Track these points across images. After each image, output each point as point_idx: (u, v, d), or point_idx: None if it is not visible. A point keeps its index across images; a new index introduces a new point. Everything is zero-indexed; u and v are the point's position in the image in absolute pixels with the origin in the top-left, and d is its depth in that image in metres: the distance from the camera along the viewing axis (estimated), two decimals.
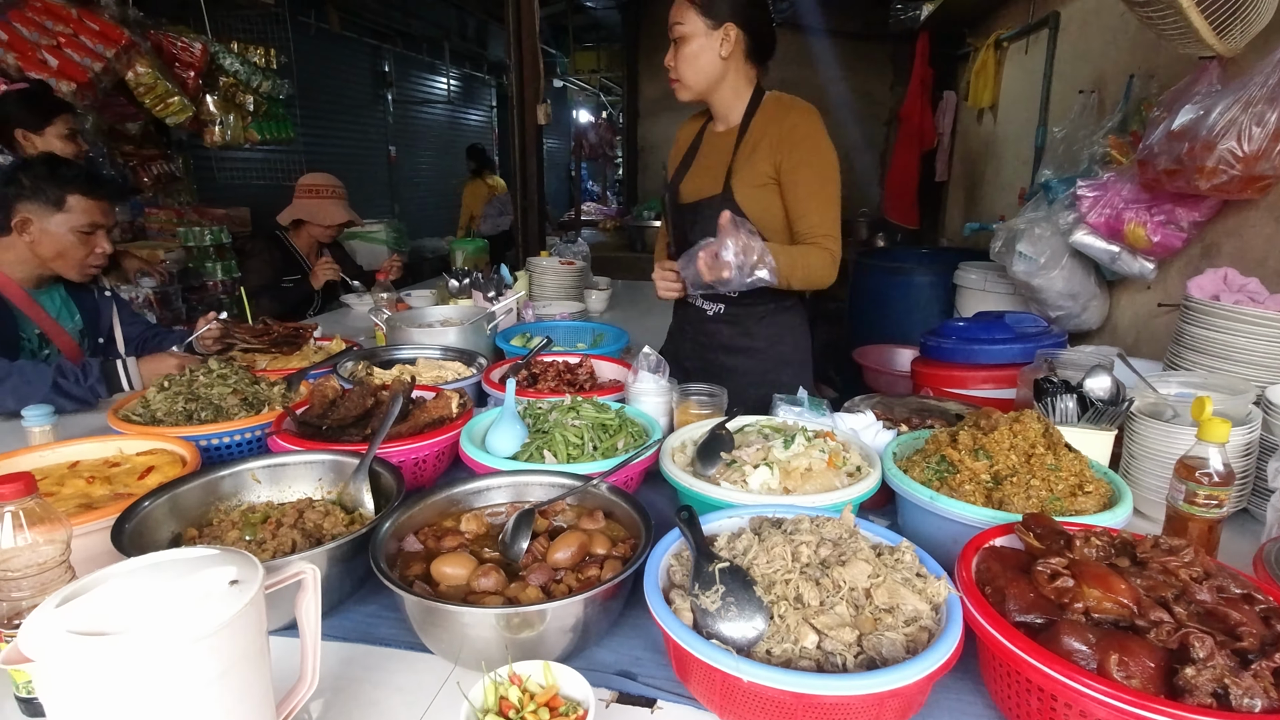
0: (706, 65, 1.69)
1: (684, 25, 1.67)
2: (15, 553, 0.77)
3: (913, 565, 0.91)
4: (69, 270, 1.95)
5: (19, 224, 1.86)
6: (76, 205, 1.89)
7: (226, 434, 1.39)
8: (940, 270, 3.58)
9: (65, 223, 1.88)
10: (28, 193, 1.86)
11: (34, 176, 1.88)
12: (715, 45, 1.67)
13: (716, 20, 1.65)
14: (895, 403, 1.74)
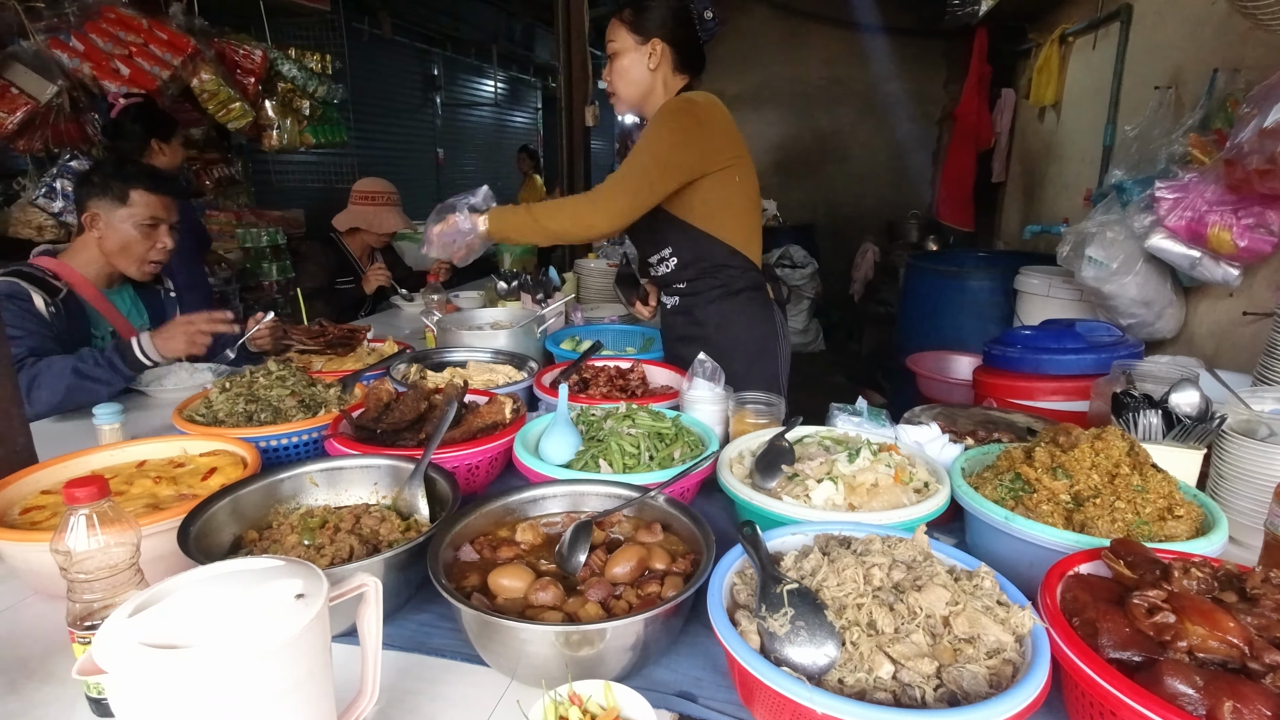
0: (638, 78, 1.82)
1: (616, 42, 1.81)
2: (88, 555, 0.78)
3: (993, 592, 0.86)
4: (130, 266, 2.01)
5: (88, 219, 1.94)
6: (139, 200, 1.96)
7: (285, 435, 1.41)
8: (999, 274, 3.46)
9: (129, 217, 1.95)
10: (97, 190, 1.95)
11: (103, 174, 1.97)
12: (644, 59, 1.79)
13: (644, 36, 1.78)
14: (958, 414, 1.67)
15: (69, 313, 1.88)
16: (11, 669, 0.92)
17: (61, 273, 1.91)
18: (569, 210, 1.74)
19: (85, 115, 3.03)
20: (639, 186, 1.71)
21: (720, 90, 2.76)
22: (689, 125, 1.71)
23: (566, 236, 1.80)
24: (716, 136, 1.75)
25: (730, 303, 1.88)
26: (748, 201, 1.86)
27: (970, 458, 1.29)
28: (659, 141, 1.71)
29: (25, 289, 1.80)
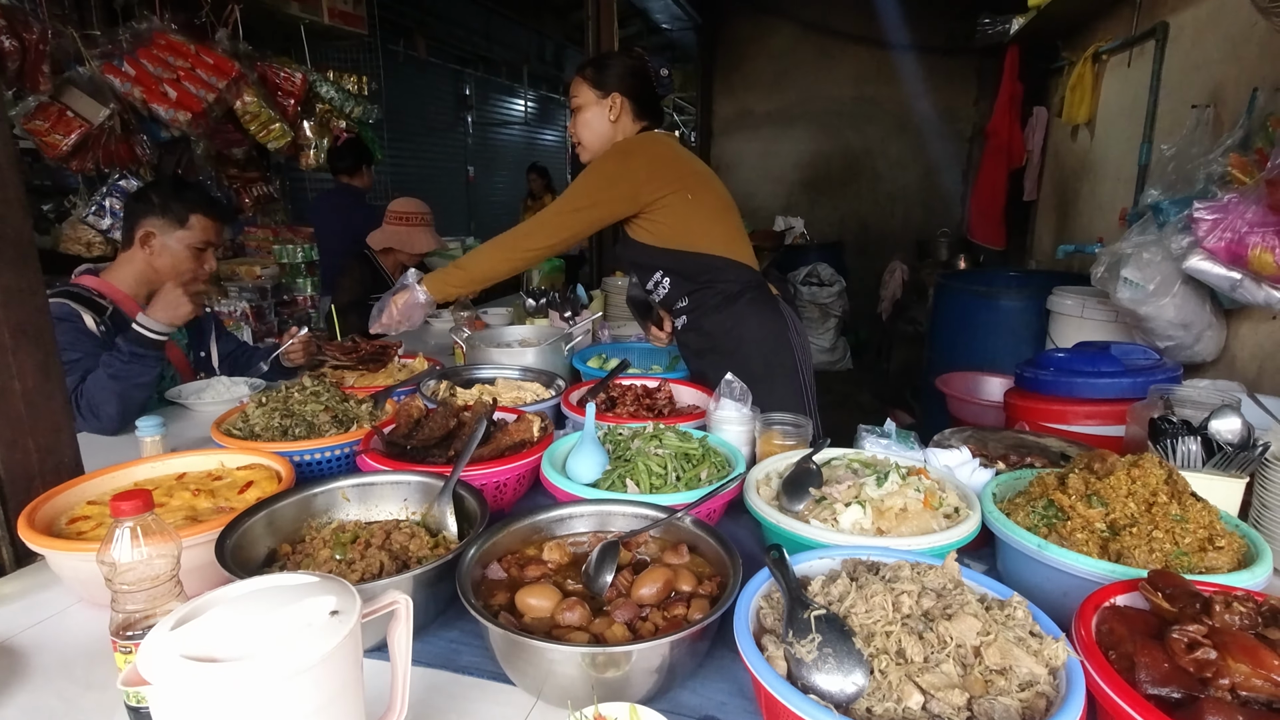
0: (599, 129, 1.95)
1: (579, 97, 1.95)
2: (131, 566, 0.80)
3: (1026, 623, 0.84)
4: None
5: (143, 237, 1.99)
6: (197, 224, 2.03)
7: (318, 450, 1.44)
8: (1031, 294, 3.41)
9: (184, 239, 2.02)
10: (156, 209, 2.00)
11: (162, 195, 2.02)
12: (605, 111, 1.94)
13: (604, 91, 1.93)
14: (989, 437, 1.65)
15: (116, 331, 1.94)
16: (56, 675, 0.95)
17: (105, 291, 1.98)
18: (491, 252, 1.89)
19: (135, 136, 3.14)
20: (557, 226, 1.86)
21: (748, 109, 2.70)
22: (614, 169, 1.85)
23: (498, 274, 1.92)
24: (649, 170, 1.86)
25: (733, 307, 1.92)
26: (715, 211, 1.94)
27: (1002, 483, 1.27)
28: (582, 186, 1.85)
29: (75, 309, 1.86)
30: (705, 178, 1.95)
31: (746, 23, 7.29)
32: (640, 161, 1.85)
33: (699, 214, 1.88)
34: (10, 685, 0.92)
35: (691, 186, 1.87)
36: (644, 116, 1.97)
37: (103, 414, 1.74)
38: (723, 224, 1.93)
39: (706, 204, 1.90)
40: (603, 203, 1.85)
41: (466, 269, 1.90)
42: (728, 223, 1.95)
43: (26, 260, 1.14)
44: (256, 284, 4.19)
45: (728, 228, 1.94)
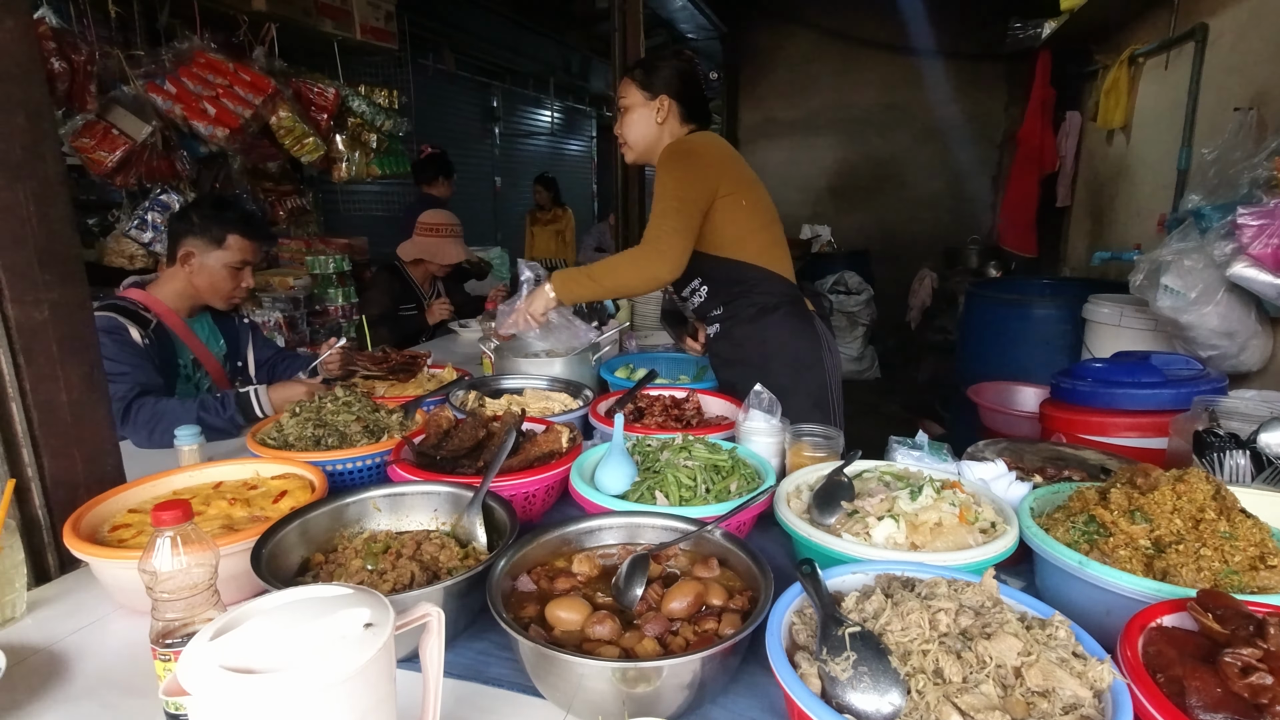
0: (646, 130, 1.95)
1: (627, 98, 1.94)
2: (171, 575, 0.82)
3: (1068, 643, 0.82)
4: (216, 301, 2.14)
5: (183, 256, 2.06)
6: (234, 244, 2.08)
7: (350, 460, 1.45)
8: (1065, 303, 3.34)
9: (222, 259, 2.07)
10: (196, 229, 2.06)
11: (202, 215, 2.08)
12: (652, 114, 1.93)
13: (652, 92, 1.92)
14: (1025, 449, 1.61)
15: (159, 342, 1.99)
16: (97, 681, 0.97)
17: (150, 304, 2.03)
18: (627, 266, 1.81)
19: (175, 152, 3.23)
20: (681, 225, 1.78)
21: (774, 117, 2.67)
22: (686, 163, 1.83)
23: (629, 291, 1.87)
24: (712, 169, 1.83)
25: (766, 319, 1.91)
26: (761, 219, 1.92)
27: (1039, 497, 1.24)
28: (673, 183, 1.81)
29: (122, 323, 1.92)
30: (757, 185, 1.93)
31: (771, 31, 7.29)
32: (710, 158, 1.84)
33: (748, 221, 1.86)
34: (54, 690, 0.94)
35: (745, 191, 1.86)
36: (692, 119, 1.96)
37: (162, 435, 1.77)
38: (767, 234, 1.92)
39: (755, 212, 1.88)
40: (697, 198, 1.81)
41: (598, 281, 1.82)
42: (771, 234, 1.93)
43: (75, 275, 1.18)
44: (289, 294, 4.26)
45: (771, 239, 1.93)
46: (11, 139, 1.07)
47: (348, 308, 4.59)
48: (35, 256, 1.11)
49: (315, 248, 4.55)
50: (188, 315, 2.13)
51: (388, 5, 4.28)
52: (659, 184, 1.83)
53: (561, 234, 7.33)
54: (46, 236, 1.12)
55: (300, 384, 1.98)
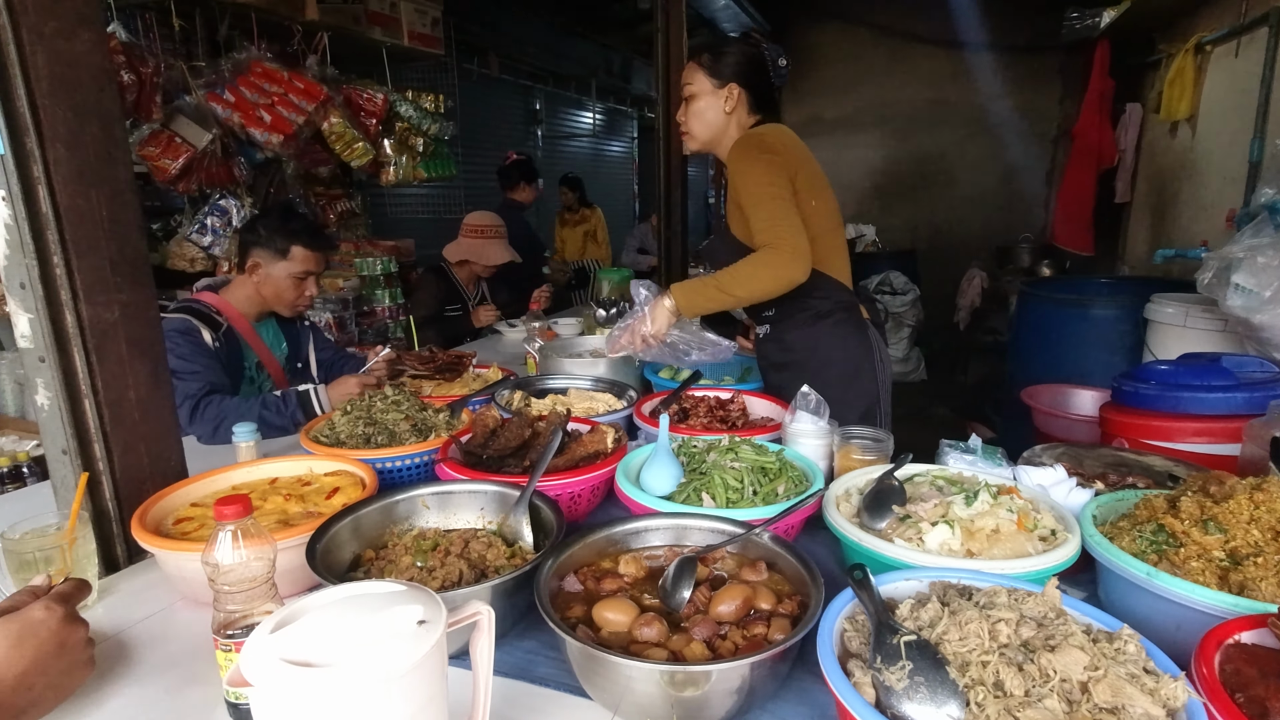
0: (712, 120, 1.87)
1: (693, 85, 1.87)
2: (231, 568, 0.84)
3: (1138, 658, 0.78)
4: (282, 308, 2.23)
5: (251, 266, 2.14)
6: (298, 255, 2.15)
7: (399, 458, 1.48)
8: (1125, 303, 3.21)
9: (286, 269, 2.14)
10: (262, 240, 2.13)
11: (268, 227, 2.15)
12: (720, 103, 1.85)
13: (721, 81, 1.84)
14: (1085, 454, 1.55)
15: (228, 345, 2.07)
16: (162, 668, 1.00)
17: (222, 308, 2.11)
18: (762, 272, 1.69)
19: (233, 159, 3.35)
20: (797, 222, 1.69)
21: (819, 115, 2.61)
22: (769, 159, 1.75)
23: (764, 296, 1.74)
24: (790, 164, 1.77)
25: (819, 326, 1.86)
26: (827, 223, 1.85)
27: (1102, 504, 1.19)
28: (765, 180, 1.72)
29: (196, 324, 2.00)
30: (826, 186, 1.86)
31: (815, 29, 7.19)
32: (786, 153, 1.77)
33: (812, 222, 1.77)
34: (123, 675, 0.98)
35: (816, 192, 1.80)
36: (760, 109, 1.88)
37: (221, 432, 1.84)
38: (829, 238, 1.84)
39: (821, 214, 1.81)
40: (786, 192, 1.71)
41: (726, 290, 1.71)
42: (834, 238, 1.86)
43: (143, 278, 1.22)
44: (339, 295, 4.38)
45: (832, 241, 1.86)
46: (86, 147, 1.11)
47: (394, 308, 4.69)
48: (107, 260, 1.16)
49: (363, 250, 4.66)
50: (255, 320, 2.21)
51: (434, 11, 4.35)
52: (746, 182, 1.74)
53: (592, 234, 7.18)
54: (118, 241, 1.17)
55: (353, 380, 2.03)
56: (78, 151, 1.11)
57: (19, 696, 0.74)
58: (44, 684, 0.76)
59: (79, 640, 0.82)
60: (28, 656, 0.75)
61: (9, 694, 0.73)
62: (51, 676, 0.77)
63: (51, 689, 0.78)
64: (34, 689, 0.75)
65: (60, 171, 1.09)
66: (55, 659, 0.78)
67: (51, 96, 1.07)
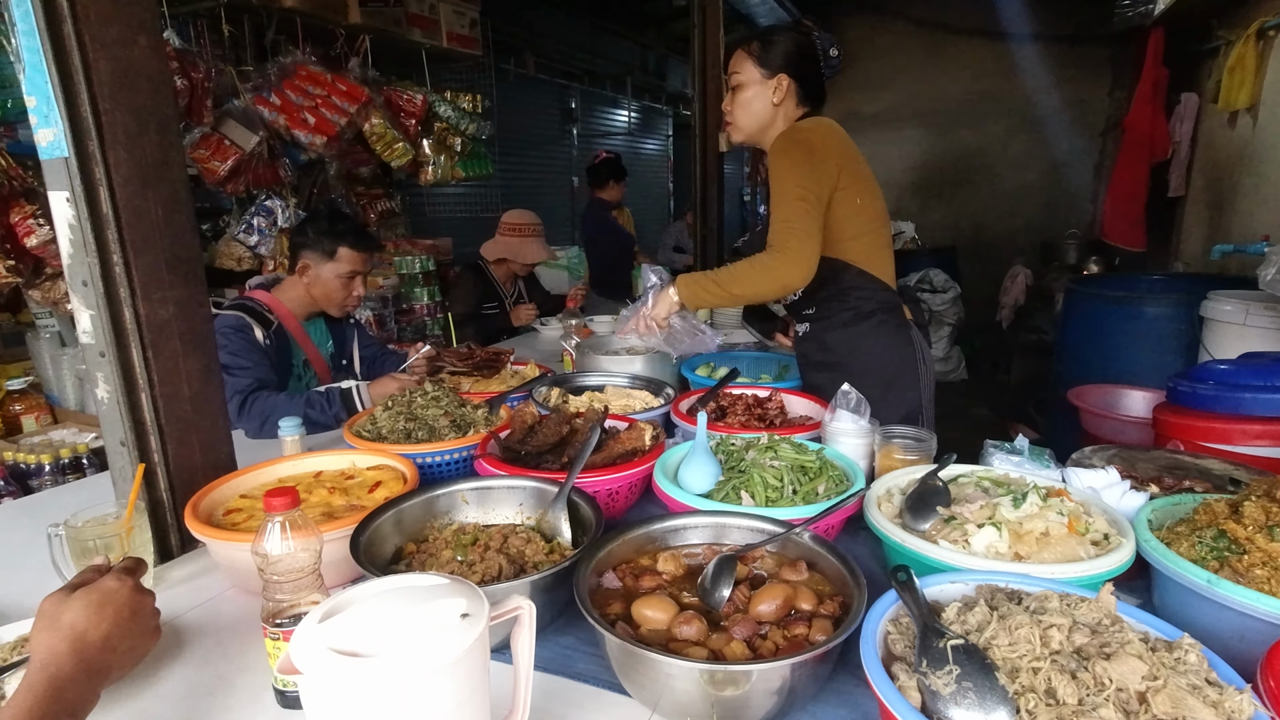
0: (759, 111, 1.82)
1: (741, 74, 1.81)
2: (280, 559, 0.86)
3: (1200, 668, 0.75)
4: (331, 308, 2.28)
5: (301, 268, 2.20)
6: (345, 256, 2.20)
7: (439, 453, 1.50)
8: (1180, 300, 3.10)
9: (334, 270, 2.20)
10: (310, 243, 2.19)
11: (315, 230, 2.21)
12: (768, 93, 1.80)
13: (770, 71, 1.78)
14: (1138, 456, 1.50)
15: (278, 342, 2.14)
16: (213, 654, 1.03)
17: (273, 306, 2.18)
18: (758, 273, 1.70)
19: (279, 160, 3.44)
20: (810, 226, 1.67)
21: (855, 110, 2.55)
22: (808, 156, 1.71)
23: (760, 297, 1.76)
24: (830, 160, 1.72)
25: (861, 326, 1.82)
26: (872, 221, 1.80)
27: (1158, 508, 1.15)
28: (796, 177, 1.69)
29: (249, 322, 2.07)
30: (872, 182, 1.81)
31: (852, 22, 7.08)
32: (830, 152, 1.72)
33: (856, 220, 1.75)
34: (177, 659, 1.02)
35: (861, 189, 1.75)
36: (808, 100, 1.83)
37: (268, 427, 1.90)
38: (873, 235, 1.80)
39: (866, 211, 1.77)
40: (815, 193, 1.69)
41: (725, 287, 1.73)
42: (877, 235, 1.82)
43: (195, 276, 1.26)
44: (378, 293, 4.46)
45: (876, 240, 1.81)
46: (144, 149, 1.15)
47: (432, 306, 4.76)
48: (163, 258, 1.20)
49: (402, 249, 4.74)
50: (304, 319, 2.27)
51: (472, 12, 4.40)
52: (777, 177, 1.72)
53: None
54: (172, 240, 1.21)
55: (393, 379, 2.07)
56: (136, 153, 1.15)
57: (105, 656, 0.80)
58: (125, 647, 0.83)
59: (149, 607, 0.88)
60: (109, 619, 0.81)
61: (97, 654, 0.79)
62: (130, 639, 0.84)
63: (128, 652, 0.84)
64: (116, 650, 0.82)
65: (120, 173, 1.13)
66: (131, 623, 0.84)
67: (112, 100, 1.11)
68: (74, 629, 0.77)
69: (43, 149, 1.11)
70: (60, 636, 0.76)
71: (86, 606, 0.80)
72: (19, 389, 2.93)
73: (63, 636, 0.76)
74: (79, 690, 0.74)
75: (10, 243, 2.63)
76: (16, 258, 2.69)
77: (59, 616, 0.79)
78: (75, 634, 0.77)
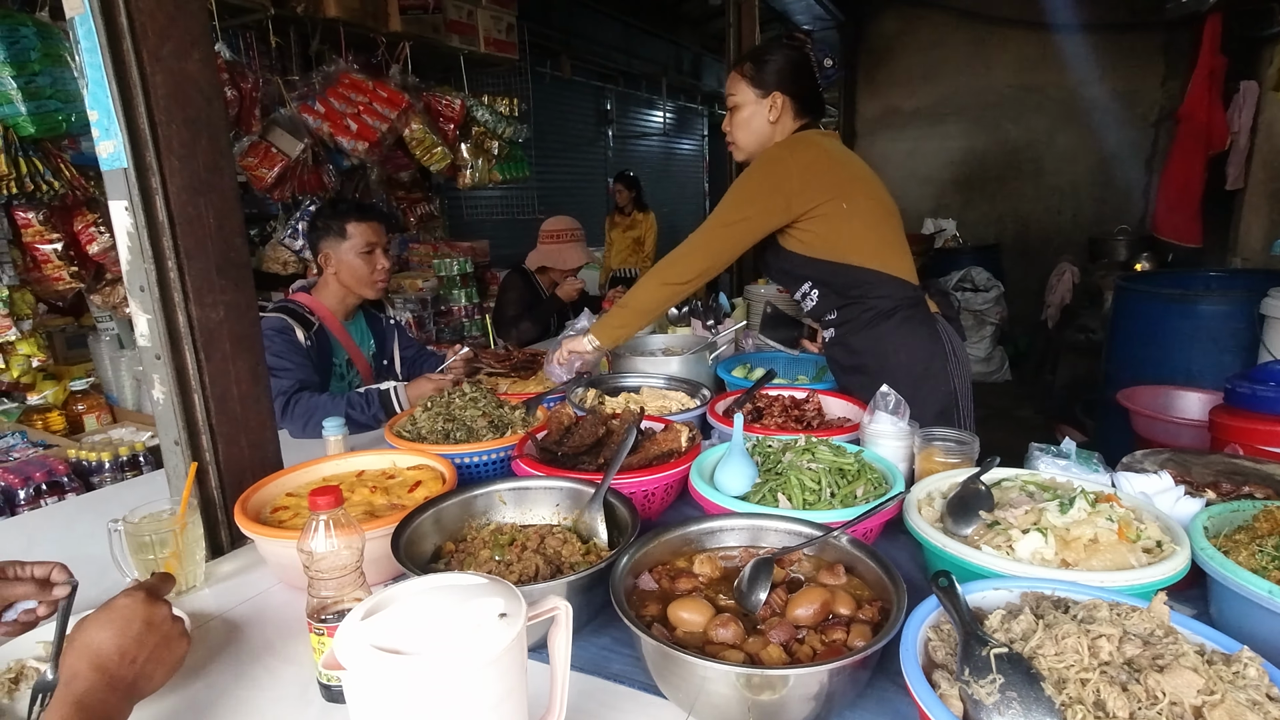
0: (758, 129, 1.85)
1: (737, 96, 1.85)
2: (324, 556, 0.88)
3: (1260, 683, 0.72)
4: (365, 289, 2.29)
5: (323, 260, 2.25)
6: (354, 230, 2.23)
7: (477, 454, 1.52)
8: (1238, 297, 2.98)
9: (351, 248, 2.23)
10: (323, 232, 2.25)
11: (324, 218, 2.27)
12: (764, 112, 1.83)
13: (764, 90, 1.81)
14: (1193, 461, 1.44)
15: (319, 344, 2.19)
16: (261, 647, 1.06)
17: (314, 308, 2.24)
18: (652, 282, 1.81)
19: (323, 166, 3.53)
20: (715, 245, 1.77)
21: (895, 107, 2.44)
22: (764, 179, 1.75)
23: (660, 305, 1.86)
24: (801, 179, 1.72)
25: (884, 325, 1.79)
26: (870, 220, 1.78)
27: (1215, 515, 1.11)
28: (732, 199, 1.77)
29: (290, 324, 2.13)
30: (863, 182, 1.80)
31: (893, 16, 6.97)
32: (793, 169, 1.74)
33: (852, 223, 1.75)
34: (228, 652, 1.05)
35: (847, 194, 1.74)
36: (805, 113, 1.85)
37: (311, 427, 1.95)
38: (879, 233, 1.79)
39: (861, 212, 1.77)
40: (754, 216, 1.75)
41: (629, 307, 1.85)
42: (885, 232, 1.81)
43: (245, 280, 1.31)
44: (418, 295, 4.55)
45: (884, 237, 1.80)
46: (198, 159, 1.20)
47: (470, 308, 4.83)
48: (214, 263, 1.25)
49: (441, 251, 4.82)
50: (345, 318, 2.33)
51: (509, 17, 4.46)
52: (730, 191, 1.78)
53: (640, 241, 6.69)
54: (223, 245, 1.25)
55: (429, 381, 2.11)
56: (190, 163, 1.19)
57: (125, 669, 0.82)
58: (145, 657, 0.85)
59: (163, 616, 0.90)
60: (119, 633, 0.84)
61: (115, 666, 0.82)
62: (150, 650, 0.86)
63: (154, 662, 0.86)
64: (136, 662, 0.84)
65: (175, 182, 1.18)
66: (146, 634, 0.86)
67: (168, 112, 1.15)
68: (88, 647, 0.81)
69: (104, 160, 1.16)
70: (78, 655, 0.80)
71: (97, 623, 0.84)
72: (81, 389, 3.06)
73: (79, 655, 0.80)
74: (103, 702, 0.77)
75: (74, 250, 2.75)
76: (80, 264, 2.82)
77: (75, 638, 0.83)
78: (90, 651, 0.81)
